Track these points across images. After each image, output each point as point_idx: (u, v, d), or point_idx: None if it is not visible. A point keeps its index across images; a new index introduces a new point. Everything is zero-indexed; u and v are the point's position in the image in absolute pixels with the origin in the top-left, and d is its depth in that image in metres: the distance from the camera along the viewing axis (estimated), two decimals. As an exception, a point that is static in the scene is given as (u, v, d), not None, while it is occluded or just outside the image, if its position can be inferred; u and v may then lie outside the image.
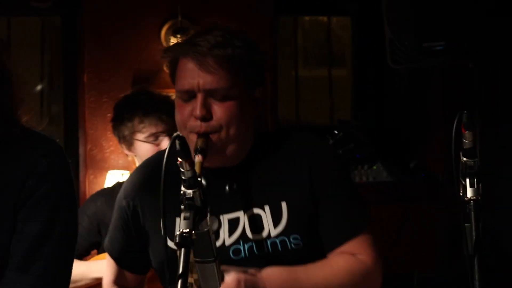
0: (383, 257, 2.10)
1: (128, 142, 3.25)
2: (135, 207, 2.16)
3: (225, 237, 2.05)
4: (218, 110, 2.01)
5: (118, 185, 3.43)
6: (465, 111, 1.87)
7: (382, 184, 4.96)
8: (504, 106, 4.38)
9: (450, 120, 1.91)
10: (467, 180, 1.90)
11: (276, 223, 2.04)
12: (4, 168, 1.79)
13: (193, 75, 2.01)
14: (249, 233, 2.04)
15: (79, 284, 3.14)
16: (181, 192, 1.72)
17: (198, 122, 2.01)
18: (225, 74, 2.01)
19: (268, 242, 2.03)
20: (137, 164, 3.17)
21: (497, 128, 4.29)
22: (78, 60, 4.91)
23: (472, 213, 1.86)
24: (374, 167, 4.93)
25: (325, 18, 5.63)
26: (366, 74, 5.50)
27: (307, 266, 2.03)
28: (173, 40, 4.77)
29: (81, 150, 4.86)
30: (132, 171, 2.35)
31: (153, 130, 3.18)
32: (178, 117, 2.07)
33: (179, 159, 1.71)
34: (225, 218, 2.06)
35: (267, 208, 2.05)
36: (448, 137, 1.90)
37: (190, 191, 1.72)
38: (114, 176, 4.51)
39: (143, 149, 3.19)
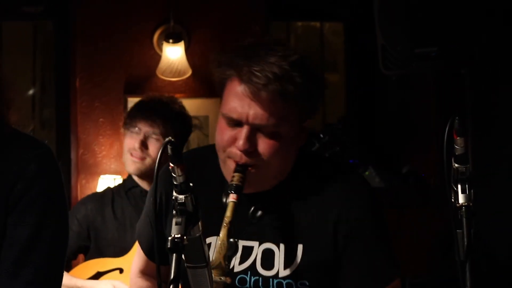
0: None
1: None
2: (161, 201, 2.11)
3: (235, 263, 2.02)
4: (263, 146, 1.92)
5: (109, 190, 3.43)
6: (457, 117, 1.86)
7: (375, 190, 4.96)
8: (496, 111, 4.38)
9: (442, 126, 1.91)
10: (459, 186, 1.89)
11: (287, 265, 1.98)
12: None
13: (244, 104, 1.90)
14: (258, 267, 2.00)
15: None
16: (173, 197, 1.72)
17: (239, 152, 1.92)
18: (278, 110, 1.90)
19: (275, 281, 1.99)
20: None
21: (489, 133, 4.30)
22: (70, 65, 4.90)
23: (464, 219, 1.85)
24: (367, 173, 4.93)
25: (317, 24, 5.64)
26: (359, 79, 5.50)
27: None
28: (165, 44, 4.77)
29: (73, 155, 4.85)
30: (124, 176, 2.35)
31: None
32: (218, 138, 1.97)
33: (171, 164, 1.70)
34: (240, 244, 2.02)
35: (282, 246, 1.99)
36: (440, 142, 1.89)
37: (181, 197, 1.71)
38: (106, 181, 4.50)
39: None
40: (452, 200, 1.90)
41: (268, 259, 2.00)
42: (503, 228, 4.15)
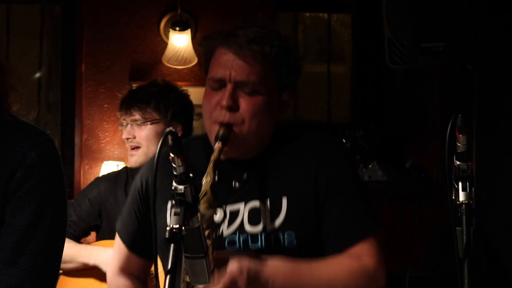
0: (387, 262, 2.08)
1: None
2: (147, 187, 2.18)
3: (223, 228, 2.07)
4: (245, 103, 2.05)
5: (124, 170, 3.44)
6: (460, 114, 1.86)
7: (377, 183, 4.96)
8: (502, 108, 4.37)
9: (447, 121, 1.90)
10: (460, 184, 1.89)
11: (273, 218, 2.05)
12: None
13: (227, 65, 2.05)
14: (246, 225, 2.06)
15: (68, 266, 3.17)
16: (173, 188, 1.72)
17: (223, 112, 2.05)
18: (258, 69, 2.04)
19: (263, 235, 2.04)
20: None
21: (495, 130, 4.28)
22: (76, 50, 4.90)
23: (464, 217, 1.85)
24: (370, 166, 4.93)
25: (325, 15, 5.63)
26: (365, 71, 5.49)
27: (311, 263, 2.03)
28: (172, 32, 4.77)
29: (77, 140, 4.86)
30: (127, 163, 2.36)
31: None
32: (205, 105, 2.10)
33: (171, 154, 1.70)
34: (228, 210, 2.09)
35: (267, 201, 2.06)
36: (444, 138, 1.89)
37: (181, 187, 1.71)
38: (109, 167, 4.51)
39: None
40: (453, 197, 1.90)
41: (254, 216, 2.06)
42: (507, 226, 4.14)
